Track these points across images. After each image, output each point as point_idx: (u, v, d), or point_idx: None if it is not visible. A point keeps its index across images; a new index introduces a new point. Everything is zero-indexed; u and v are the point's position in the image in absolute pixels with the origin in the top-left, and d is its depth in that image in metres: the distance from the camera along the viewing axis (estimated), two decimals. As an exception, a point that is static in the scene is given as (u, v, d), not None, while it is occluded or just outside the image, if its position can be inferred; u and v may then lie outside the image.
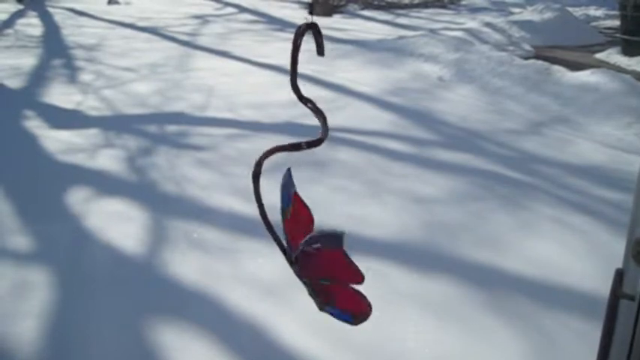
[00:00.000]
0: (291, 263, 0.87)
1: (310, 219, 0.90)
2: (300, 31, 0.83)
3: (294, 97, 0.87)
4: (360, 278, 0.84)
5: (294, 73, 0.86)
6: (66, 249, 3.11)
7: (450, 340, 2.42)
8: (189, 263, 2.97)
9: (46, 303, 2.64)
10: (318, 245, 0.83)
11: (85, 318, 2.56)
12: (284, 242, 0.89)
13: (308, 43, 0.86)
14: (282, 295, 2.66)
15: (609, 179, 3.97)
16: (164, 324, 2.53)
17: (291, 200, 0.88)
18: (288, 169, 0.91)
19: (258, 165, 0.87)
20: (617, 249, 3.11)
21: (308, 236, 0.84)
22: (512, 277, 2.87)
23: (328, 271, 0.86)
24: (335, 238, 0.82)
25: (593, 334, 2.35)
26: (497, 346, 2.38)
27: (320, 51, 0.85)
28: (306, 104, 0.88)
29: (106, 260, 3.02)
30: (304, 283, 0.88)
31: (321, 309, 0.90)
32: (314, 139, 0.84)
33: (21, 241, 3.18)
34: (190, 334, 2.46)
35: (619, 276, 0.87)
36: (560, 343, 2.40)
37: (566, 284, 2.79)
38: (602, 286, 2.64)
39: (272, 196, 0.91)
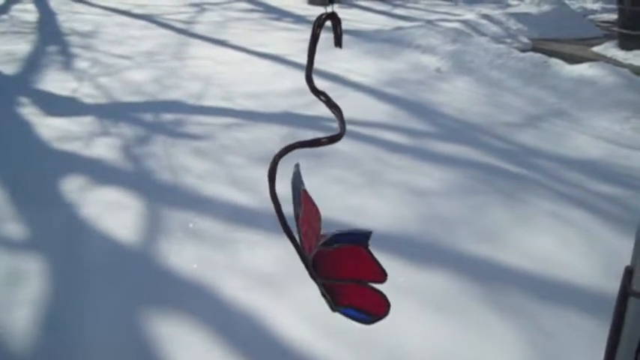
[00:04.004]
0: (307, 265, 0.83)
1: (318, 217, 0.86)
2: (320, 22, 0.79)
3: (292, 86, 0.84)
4: (382, 277, 0.81)
5: (310, 65, 0.81)
6: (61, 237, 3.09)
7: (447, 334, 2.42)
8: (186, 253, 2.95)
9: (40, 291, 2.62)
10: (339, 245, 0.80)
11: (80, 307, 2.55)
12: (299, 242, 0.84)
13: (305, 33, 0.83)
14: (280, 285, 2.66)
15: (606, 173, 3.97)
16: (160, 314, 2.52)
17: (301, 199, 0.82)
18: (297, 165, 0.86)
19: (275, 162, 0.80)
20: (614, 243, 3.12)
21: (330, 235, 0.81)
22: (510, 270, 2.87)
23: (349, 270, 0.82)
24: (361, 236, 0.79)
25: (591, 328, 2.38)
26: (494, 339, 2.38)
27: (338, 42, 0.80)
28: (319, 97, 0.84)
29: (102, 249, 3.00)
30: (318, 283, 0.84)
31: (334, 310, 0.86)
32: (334, 134, 0.80)
33: (15, 229, 3.16)
34: (186, 325, 2.45)
35: (628, 274, 0.85)
36: (557, 337, 2.40)
37: (563, 278, 2.80)
38: (599, 280, 2.67)
39: (278, 189, 0.88)
